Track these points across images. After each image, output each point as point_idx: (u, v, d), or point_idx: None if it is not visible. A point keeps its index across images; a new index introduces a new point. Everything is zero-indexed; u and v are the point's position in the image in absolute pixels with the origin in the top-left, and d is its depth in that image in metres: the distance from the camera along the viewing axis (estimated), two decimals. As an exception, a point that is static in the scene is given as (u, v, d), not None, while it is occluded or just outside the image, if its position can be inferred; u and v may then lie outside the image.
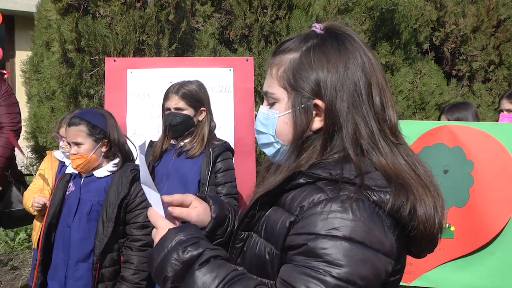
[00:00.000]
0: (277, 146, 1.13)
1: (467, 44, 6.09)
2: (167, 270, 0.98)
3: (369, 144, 1.03)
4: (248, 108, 3.38)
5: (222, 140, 2.91)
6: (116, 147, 2.47)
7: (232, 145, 3.24)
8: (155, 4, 4.37)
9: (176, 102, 2.73)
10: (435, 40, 6.08)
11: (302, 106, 1.06)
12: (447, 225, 2.73)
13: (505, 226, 2.61)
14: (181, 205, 1.20)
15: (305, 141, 1.07)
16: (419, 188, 1.00)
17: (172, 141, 2.85)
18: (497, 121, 3.43)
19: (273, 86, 1.11)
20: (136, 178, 2.40)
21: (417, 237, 1.00)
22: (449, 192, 2.71)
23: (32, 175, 3.72)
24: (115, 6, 4.32)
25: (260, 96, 4.66)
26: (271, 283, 1.00)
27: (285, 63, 1.09)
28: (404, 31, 5.31)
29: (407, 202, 0.97)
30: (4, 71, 3.66)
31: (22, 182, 3.68)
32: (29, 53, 5.34)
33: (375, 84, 1.06)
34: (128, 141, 2.61)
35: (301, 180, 1.01)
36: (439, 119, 3.29)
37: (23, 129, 5.18)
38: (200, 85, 2.85)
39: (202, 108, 2.81)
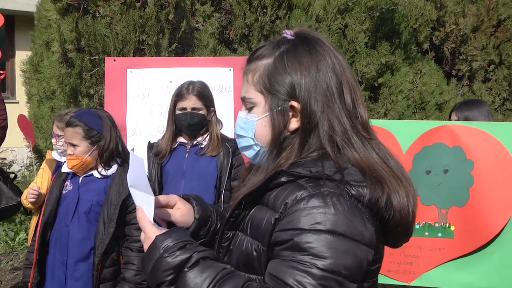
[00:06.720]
0: (257, 149, 1.18)
1: (467, 44, 6.08)
2: (159, 277, 1.03)
3: (343, 140, 1.08)
4: (248, 108, 3.37)
5: (232, 138, 2.93)
6: (109, 152, 2.42)
7: (232, 145, 3.24)
8: (155, 3, 4.36)
9: (193, 102, 2.76)
10: (435, 40, 6.08)
11: (279, 108, 1.12)
12: (447, 224, 2.73)
13: (505, 225, 2.61)
14: (166, 205, 1.25)
15: (283, 142, 1.13)
16: (392, 180, 1.06)
17: (182, 140, 2.87)
18: None
19: (250, 91, 1.17)
20: None
21: (393, 227, 1.07)
22: (449, 191, 2.71)
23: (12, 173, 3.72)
24: (115, 6, 4.32)
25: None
26: (259, 278, 1.05)
27: (260, 69, 1.16)
28: (404, 30, 5.30)
29: (383, 194, 1.03)
30: (1, 72, 3.64)
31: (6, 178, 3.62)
32: (29, 53, 5.34)
33: (346, 83, 1.12)
34: (126, 143, 2.59)
35: (283, 179, 1.06)
36: (449, 116, 3.24)
37: (23, 128, 5.19)
38: (207, 86, 2.90)
39: (212, 108, 2.86)
